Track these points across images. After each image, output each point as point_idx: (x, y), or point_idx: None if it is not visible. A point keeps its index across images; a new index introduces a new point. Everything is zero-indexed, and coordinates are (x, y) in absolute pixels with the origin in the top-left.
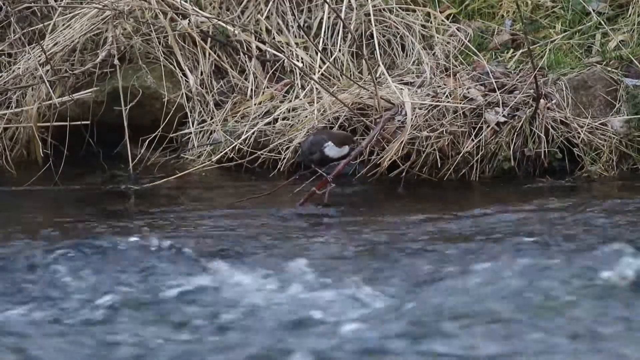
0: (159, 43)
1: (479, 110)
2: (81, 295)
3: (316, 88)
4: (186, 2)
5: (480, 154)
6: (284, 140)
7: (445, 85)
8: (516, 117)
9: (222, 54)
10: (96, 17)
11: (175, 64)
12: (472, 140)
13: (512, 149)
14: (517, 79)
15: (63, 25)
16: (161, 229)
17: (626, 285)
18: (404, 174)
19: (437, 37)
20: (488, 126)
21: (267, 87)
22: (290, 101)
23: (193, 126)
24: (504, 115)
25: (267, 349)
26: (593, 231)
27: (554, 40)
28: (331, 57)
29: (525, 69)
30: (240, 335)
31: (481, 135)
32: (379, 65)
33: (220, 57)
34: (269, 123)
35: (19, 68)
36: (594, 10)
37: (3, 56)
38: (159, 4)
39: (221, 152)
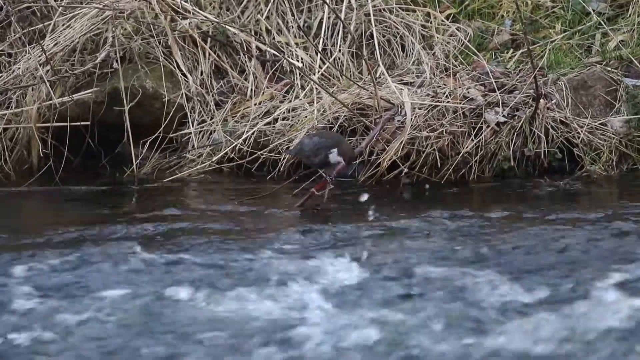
0: (159, 43)
1: (478, 110)
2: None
3: (316, 88)
4: (186, 2)
5: (480, 154)
6: (284, 141)
7: (445, 85)
8: (516, 117)
9: (222, 54)
10: (96, 17)
11: (175, 64)
12: (472, 140)
13: (511, 149)
14: (517, 79)
15: (63, 25)
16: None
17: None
18: (403, 174)
19: (437, 37)
20: (488, 126)
21: (267, 87)
22: (290, 101)
23: (193, 126)
24: (503, 115)
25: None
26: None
27: (554, 40)
28: (331, 57)
29: (525, 69)
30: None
31: (481, 135)
32: (378, 66)
33: (220, 57)
34: (268, 123)
35: (19, 68)
36: (594, 11)
37: (3, 56)
38: (159, 4)
39: (221, 152)
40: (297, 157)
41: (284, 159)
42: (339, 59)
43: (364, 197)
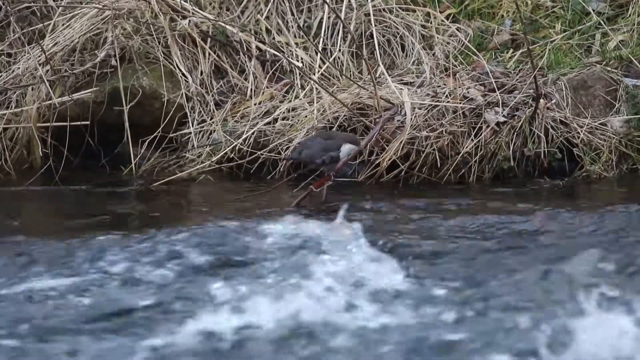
0: (159, 43)
1: (478, 110)
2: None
3: (316, 88)
4: (186, 2)
5: (479, 154)
6: (284, 140)
7: (445, 85)
8: (516, 117)
9: (222, 54)
10: (96, 17)
11: (175, 64)
12: (472, 140)
13: (511, 149)
14: (517, 79)
15: (63, 25)
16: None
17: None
18: (403, 173)
19: (437, 37)
20: (488, 126)
21: (267, 87)
22: (290, 101)
23: (193, 126)
24: (503, 115)
25: None
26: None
27: (554, 40)
28: (331, 57)
29: (525, 69)
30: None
31: (481, 135)
32: (378, 65)
33: (220, 57)
34: (268, 123)
35: (19, 68)
36: (593, 10)
37: (3, 56)
38: (158, 4)
39: (221, 152)
40: (303, 162)
41: (283, 159)
42: (339, 58)
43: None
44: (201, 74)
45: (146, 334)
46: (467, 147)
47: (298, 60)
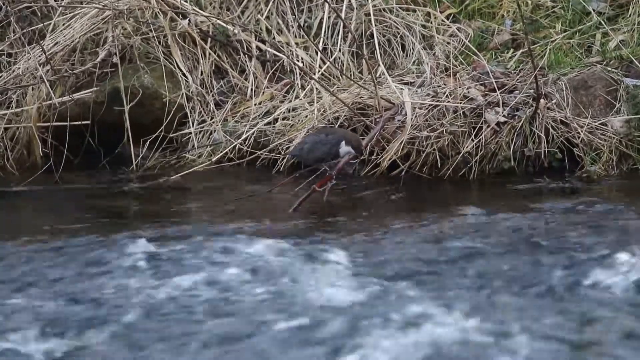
0: (159, 43)
1: (479, 110)
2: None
3: (316, 88)
4: (186, 1)
5: (480, 153)
6: (284, 140)
7: (445, 85)
8: (516, 117)
9: (222, 54)
10: (96, 17)
11: (175, 64)
12: (472, 140)
13: (512, 148)
14: (517, 79)
15: (63, 25)
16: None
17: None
18: (403, 173)
19: (438, 37)
20: (488, 126)
21: (267, 87)
22: (290, 101)
23: (193, 126)
24: (504, 115)
25: None
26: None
27: (554, 40)
28: (331, 57)
29: (525, 69)
30: None
31: (481, 135)
32: (379, 65)
33: (220, 57)
34: (269, 123)
35: (19, 68)
36: (594, 10)
37: (3, 56)
38: (159, 3)
39: (221, 152)
40: (302, 159)
41: (283, 158)
42: (339, 58)
43: None
44: (201, 74)
45: None
46: (467, 147)
47: (298, 60)
